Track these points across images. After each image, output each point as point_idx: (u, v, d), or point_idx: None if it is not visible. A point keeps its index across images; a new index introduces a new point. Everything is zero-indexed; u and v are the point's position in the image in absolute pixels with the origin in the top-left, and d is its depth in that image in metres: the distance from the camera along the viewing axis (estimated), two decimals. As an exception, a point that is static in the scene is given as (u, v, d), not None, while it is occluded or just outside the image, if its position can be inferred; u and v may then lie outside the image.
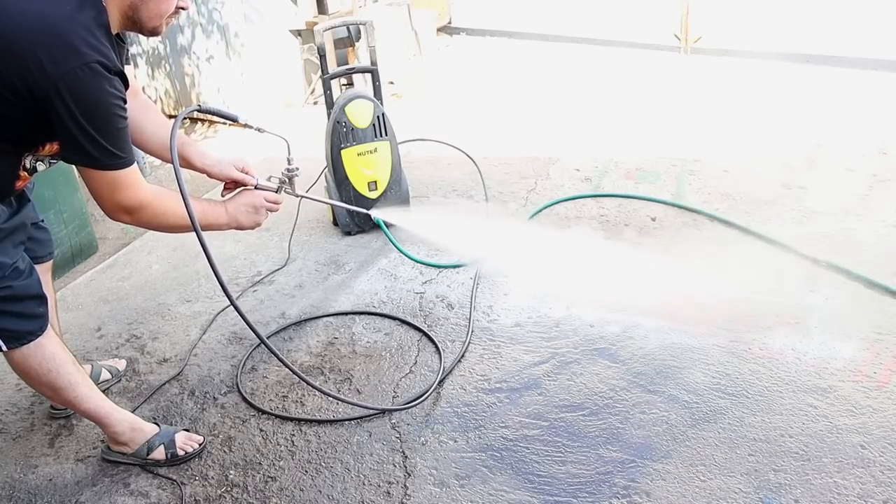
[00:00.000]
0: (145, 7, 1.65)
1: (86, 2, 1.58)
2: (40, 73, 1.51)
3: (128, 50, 1.88)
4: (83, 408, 1.99)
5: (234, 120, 1.89)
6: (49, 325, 1.90)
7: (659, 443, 2.02)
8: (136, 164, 1.71)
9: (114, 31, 1.66)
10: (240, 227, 1.94)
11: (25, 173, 1.77)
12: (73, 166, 1.71)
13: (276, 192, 1.98)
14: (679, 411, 2.12)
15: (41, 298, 1.87)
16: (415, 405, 2.22)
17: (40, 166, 1.81)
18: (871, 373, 2.19)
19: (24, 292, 1.82)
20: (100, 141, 1.59)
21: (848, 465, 1.89)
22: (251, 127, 1.90)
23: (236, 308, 1.74)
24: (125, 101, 1.63)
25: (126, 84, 1.65)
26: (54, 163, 1.87)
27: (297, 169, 1.99)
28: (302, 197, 2.07)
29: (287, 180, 2.00)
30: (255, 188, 1.95)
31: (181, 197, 1.68)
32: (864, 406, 2.07)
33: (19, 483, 2.09)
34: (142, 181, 1.72)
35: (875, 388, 2.13)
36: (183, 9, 1.74)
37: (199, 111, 1.86)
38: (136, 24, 1.68)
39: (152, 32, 1.72)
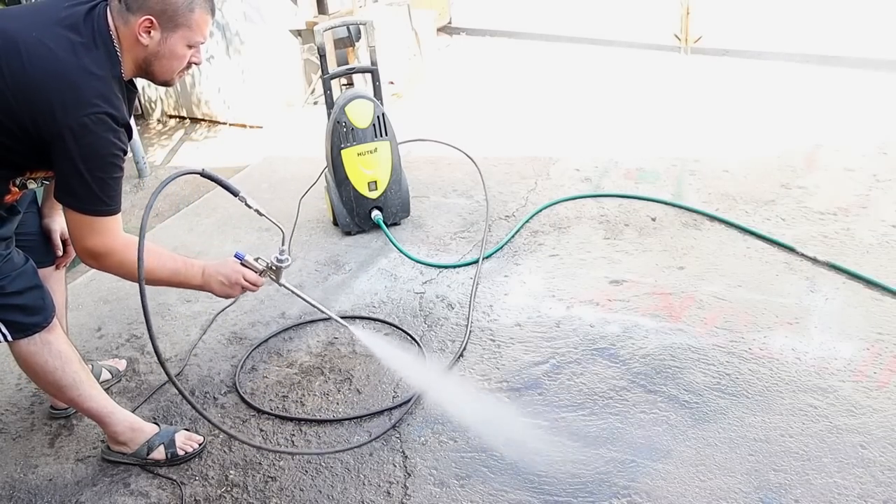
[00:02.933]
0: (158, 63, 1.72)
1: (103, 54, 1.64)
2: (51, 117, 1.57)
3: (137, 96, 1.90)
4: (86, 406, 2.00)
5: (233, 194, 1.86)
6: (56, 319, 1.90)
7: (659, 443, 2.02)
8: (119, 214, 1.73)
9: (126, 79, 1.73)
10: (211, 293, 1.94)
11: (16, 189, 1.79)
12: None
13: (260, 274, 1.94)
14: (679, 411, 2.12)
15: (41, 288, 1.87)
16: (396, 419, 2.22)
17: (31, 184, 1.83)
18: (871, 373, 2.19)
19: (24, 284, 1.83)
20: (92, 187, 1.64)
21: (848, 465, 1.89)
22: (249, 207, 1.88)
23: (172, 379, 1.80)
24: (125, 153, 1.70)
25: (130, 135, 1.72)
26: (46, 182, 1.89)
27: (288, 260, 1.96)
28: (283, 287, 2.02)
29: (274, 269, 1.96)
30: (241, 264, 1.92)
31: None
32: (864, 406, 2.07)
33: (19, 483, 2.09)
34: (118, 231, 1.73)
35: (875, 388, 2.13)
36: (196, 64, 1.79)
37: (201, 175, 1.82)
38: (149, 75, 1.76)
39: (164, 84, 1.81)
